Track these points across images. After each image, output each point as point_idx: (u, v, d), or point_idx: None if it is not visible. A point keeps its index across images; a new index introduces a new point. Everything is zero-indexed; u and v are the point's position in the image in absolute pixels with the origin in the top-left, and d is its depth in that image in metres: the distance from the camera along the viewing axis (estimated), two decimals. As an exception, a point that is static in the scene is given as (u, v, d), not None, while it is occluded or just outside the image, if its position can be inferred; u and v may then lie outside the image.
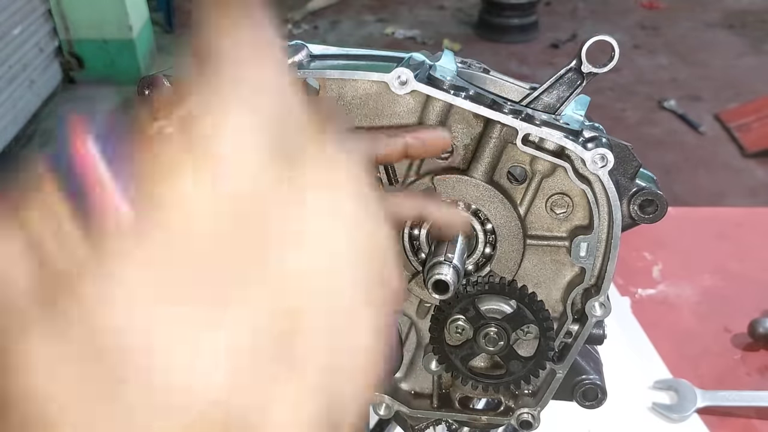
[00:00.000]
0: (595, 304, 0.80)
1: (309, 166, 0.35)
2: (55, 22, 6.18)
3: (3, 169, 0.39)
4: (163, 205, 0.32)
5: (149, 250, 0.31)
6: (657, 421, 1.43)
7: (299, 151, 0.35)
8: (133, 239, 0.32)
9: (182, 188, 0.32)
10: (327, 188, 0.35)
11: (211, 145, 0.33)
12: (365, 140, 0.72)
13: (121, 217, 0.33)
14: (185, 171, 0.32)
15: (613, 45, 0.73)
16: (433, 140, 0.74)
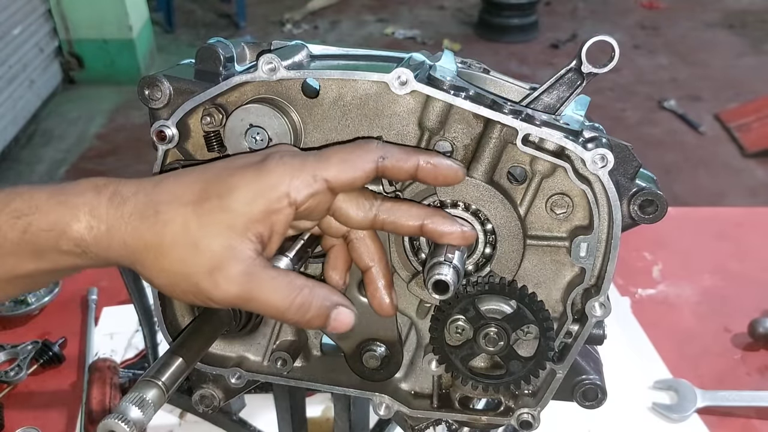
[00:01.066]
0: (595, 304, 0.80)
1: None
2: (55, 22, 6.18)
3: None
4: None
5: None
6: (657, 421, 1.43)
7: None
8: None
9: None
10: None
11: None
12: (377, 147, 0.72)
13: None
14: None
15: (613, 45, 0.73)
16: (445, 170, 0.73)
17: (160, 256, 0.67)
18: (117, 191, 0.69)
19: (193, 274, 0.67)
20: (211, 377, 0.94)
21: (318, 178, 0.69)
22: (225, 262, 0.66)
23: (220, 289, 0.67)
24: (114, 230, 0.68)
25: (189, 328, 0.81)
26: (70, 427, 1.41)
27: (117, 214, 0.68)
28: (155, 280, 0.70)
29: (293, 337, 0.92)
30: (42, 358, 1.53)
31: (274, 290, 0.69)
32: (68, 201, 0.68)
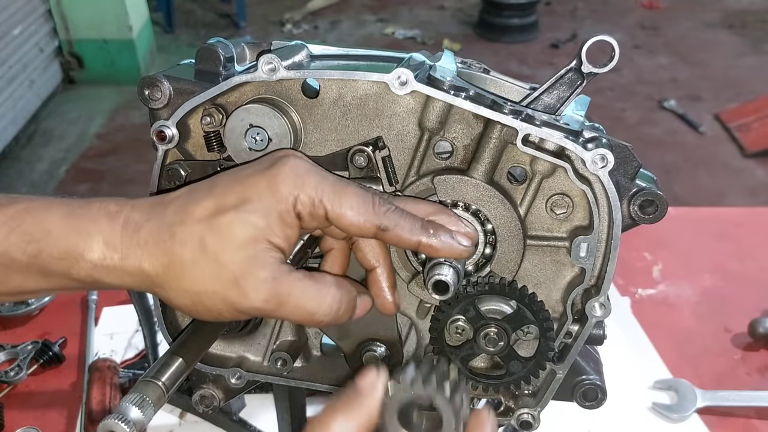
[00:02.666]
0: (595, 304, 0.80)
1: None
2: (55, 22, 6.18)
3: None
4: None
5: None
6: (657, 421, 1.43)
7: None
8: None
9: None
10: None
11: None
12: (386, 211, 0.71)
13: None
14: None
15: (613, 45, 0.73)
16: (448, 251, 0.72)
17: (181, 276, 0.67)
18: (130, 218, 0.68)
19: (218, 288, 0.66)
20: (211, 377, 0.94)
21: (321, 205, 0.68)
22: (250, 270, 0.66)
23: (249, 298, 0.66)
24: (129, 259, 0.67)
25: (189, 328, 0.81)
26: (70, 427, 1.41)
27: (132, 242, 0.67)
28: (176, 301, 0.69)
29: (293, 337, 0.92)
30: (42, 358, 1.53)
31: (303, 292, 0.68)
32: (82, 229, 0.67)
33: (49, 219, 0.68)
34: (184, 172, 0.82)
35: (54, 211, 0.69)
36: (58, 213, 0.68)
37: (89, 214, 0.68)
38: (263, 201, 0.67)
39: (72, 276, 0.68)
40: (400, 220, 0.71)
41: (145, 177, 0.83)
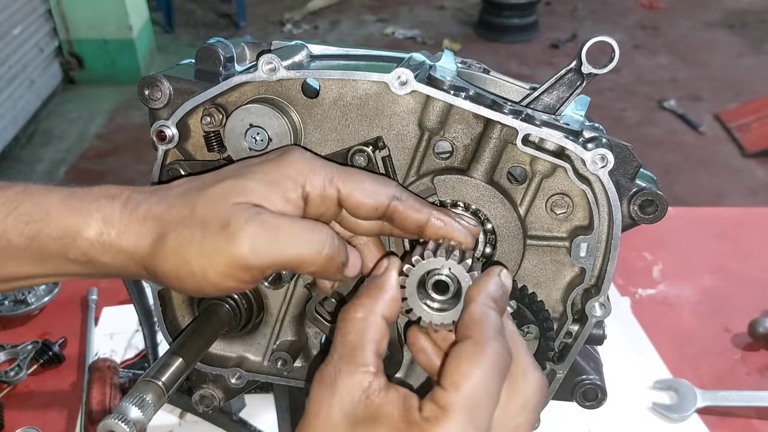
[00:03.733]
0: (595, 304, 0.80)
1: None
2: (55, 22, 6.18)
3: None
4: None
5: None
6: (657, 421, 1.43)
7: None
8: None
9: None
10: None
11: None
12: (396, 187, 0.71)
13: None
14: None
15: (613, 46, 0.73)
16: (457, 233, 0.71)
17: (170, 241, 0.65)
18: (131, 198, 0.68)
19: (205, 243, 0.64)
20: (211, 377, 0.94)
21: (333, 184, 0.69)
22: (237, 214, 0.64)
23: (237, 238, 0.63)
24: (125, 234, 0.66)
25: (189, 328, 0.81)
26: (70, 427, 1.41)
27: (130, 218, 0.66)
28: (162, 268, 0.66)
29: (293, 337, 0.92)
30: (42, 358, 1.53)
31: (293, 224, 0.66)
32: (81, 207, 0.67)
33: (49, 200, 0.67)
34: (184, 172, 0.82)
35: (53, 193, 0.68)
36: (57, 195, 0.68)
37: (89, 195, 0.68)
38: (269, 175, 0.67)
39: (68, 256, 0.67)
40: (409, 196, 0.72)
41: (145, 177, 0.83)
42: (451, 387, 0.59)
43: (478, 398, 0.59)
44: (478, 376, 0.59)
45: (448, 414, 0.57)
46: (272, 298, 0.90)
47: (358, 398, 0.60)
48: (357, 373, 0.61)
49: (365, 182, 0.70)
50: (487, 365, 0.60)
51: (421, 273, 0.68)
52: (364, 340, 0.64)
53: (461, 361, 0.60)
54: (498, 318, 0.65)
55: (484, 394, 0.59)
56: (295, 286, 0.89)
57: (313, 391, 0.63)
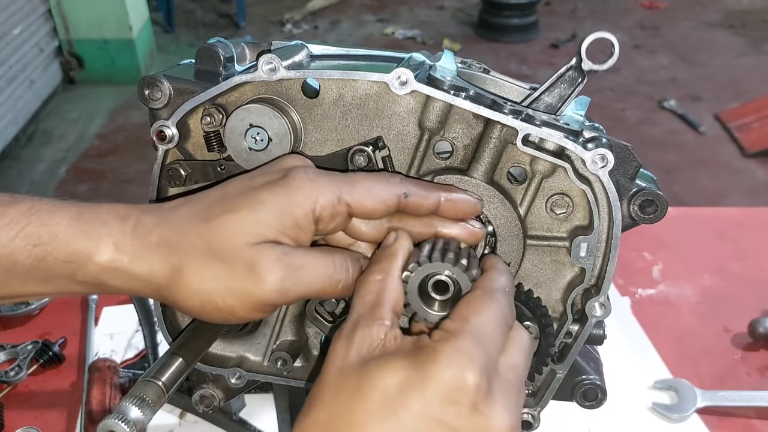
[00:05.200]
0: (595, 304, 0.80)
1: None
2: (55, 22, 6.18)
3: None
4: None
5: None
6: (657, 421, 1.43)
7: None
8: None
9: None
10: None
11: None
12: (401, 183, 0.72)
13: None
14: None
15: (612, 42, 0.73)
16: (464, 205, 0.74)
17: (190, 277, 0.66)
18: (140, 221, 0.67)
19: (232, 282, 0.66)
20: (211, 377, 0.94)
21: (342, 201, 0.69)
22: (261, 256, 0.65)
23: (265, 281, 0.65)
24: (137, 261, 0.66)
25: (189, 328, 0.81)
26: (70, 427, 1.41)
27: (142, 244, 0.66)
28: (184, 303, 0.68)
29: (293, 337, 0.92)
30: (42, 358, 1.53)
31: (315, 260, 0.68)
32: (91, 231, 0.66)
33: (56, 221, 0.67)
34: (184, 172, 0.82)
35: (61, 213, 0.67)
36: (65, 215, 0.67)
37: (99, 217, 0.67)
38: (278, 204, 0.67)
39: (76, 279, 0.67)
40: (415, 186, 0.72)
41: (145, 177, 0.83)
42: (460, 319, 0.63)
43: (485, 328, 0.62)
44: (486, 314, 0.63)
45: (457, 335, 0.60)
46: (272, 298, 0.90)
47: (374, 345, 0.62)
48: (374, 326, 0.64)
49: (372, 188, 0.70)
50: (495, 308, 0.64)
51: (420, 278, 0.69)
52: (382, 298, 0.67)
53: (470, 302, 0.65)
54: (508, 282, 0.70)
55: (490, 326, 0.63)
56: (295, 286, 0.89)
57: (331, 345, 0.65)
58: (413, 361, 0.59)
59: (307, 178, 0.69)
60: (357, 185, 0.70)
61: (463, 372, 0.58)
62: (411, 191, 0.72)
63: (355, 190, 0.70)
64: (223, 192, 0.70)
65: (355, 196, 0.69)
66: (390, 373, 0.58)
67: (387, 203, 0.70)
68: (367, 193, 0.70)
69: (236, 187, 0.71)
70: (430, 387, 0.57)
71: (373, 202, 0.70)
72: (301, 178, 0.69)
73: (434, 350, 0.59)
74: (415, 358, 0.59)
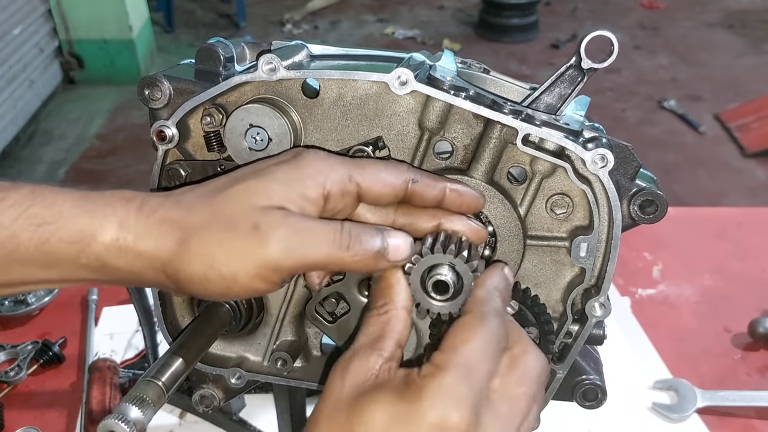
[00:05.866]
0: (595, 304, 0.80)
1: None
2: (55, 22, 6.18)
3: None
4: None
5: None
6: (657, 421, 1.43)
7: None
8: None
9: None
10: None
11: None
12: (409, 169, 0.73)
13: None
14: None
15: (611, 39, 0.73)
16: (469, 198, 0.74)
17: (193, 244, 0.64)
18: (145, 201, 0.67)
19: (236, 244, 0.64)
20: (211, 377, 0.94)
21: (352, 180, 0.70)
22: (267, 215, 0.65)
23: (270, 241, 0.63)
24: (142, 238, 0.65)
25: (189, 328, 0.81)
26: (70, 427, 1.41)
27: (147, 222, 0.65)
28: (187, 270, 0.65)
29: (293, 337, 0.92)
30: (42, 358, 1.53)
31: (321, 224, 0.67)
32: (96, 211, 0.65)
33: (60, 202, 0.66)
34: (184, 172, 0.82)
35: (64, 195, 0.66)
36: (69, 197, 0.66)
37: (103, 198, 0.67)
38: (288, 176, 0.67)
39: (80, 261, 0.65)
40: (422, 174, 0.73)
41: (145, 177, 0.83)
42: (448, 349, 0.62)
43: (473, 358, 0.61)
44: (475, 342, 0.62)
45: (444, 370, 0.60)
46: (272, 298, 0.90)
47: (368, 376, 0.63)
48: (371, 356, 0.65)
49: (381, 172, 0.71)
50: (485, 334, 0.63)
51: (423, 269, 0.71)
52: (385, 330, 0.68)
53: (459, 330, 0.64)
54: (500, 303, 0.69)
55: (479, 355, 0.62)
56: (296, 286, 0.89)
57: (330, 373, 0.65)
58: (401, 397, 0.59)
59: (318, 156, 0.70)
60: (367, 168, 0.71)
61: (447, 411, 0.58)
62: (418, 178, 0.72)
63: (366, 172, 0.70)
64: (232, 175, 0.71)
65: (365, 178, 0.70)
66: (379, 409, 0.59)
67: (395, 187, 0.71)
68: (376, 176, 0.71)
69: (246, 169, 0.71)
70: (415, 426, 0.58)
71: (381, 186, 0.71)
72: (312, 156, 0.70)
73: (420, 388, 0.59)
74: (402, 394, 0.60)
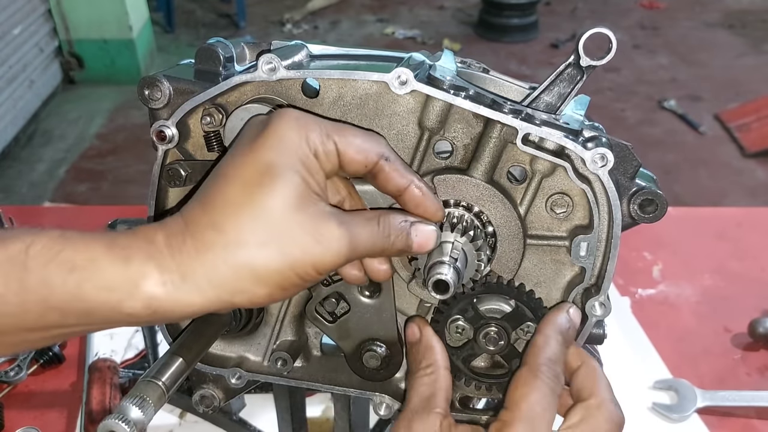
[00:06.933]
0: (595, 303, 0.80)
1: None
2: (55, 22, 6.18)
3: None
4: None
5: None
6: (657, 421, 1.43)
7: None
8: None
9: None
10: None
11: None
12: (386, 146, 0.71)
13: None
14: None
15: (609, 37, 0.73)
16: (430, 203, 0.73)
17: (252, 266, 0.61)
18: (170, 233, 0.62)
19: (297, 254, 0.62)
20: (211, 377, 0.94)
21: (330, 138, 0.68)
22: (320, 224, 0.64)
23: (332, 250, 0.64)
24: (190, 275, 0.61)
25: (189, 329, 0.81)
26: (70, 427, 1.41)
27: (183, 257, 0.61)
28: (254, 292, 0.63)
29: (293, 337, 0.92)
30: (42, 358, 1.53)
31: (367, 220, 0.68)
32: (132, 256, 0.60)
33: (91, 246, 0.61)
34: (184, 172, 0.81)
35: (94, 238, 0.62)
36: (99, 241, 0.61)
37: (135, 242, 0.62)
38: (283, 156, 0.64)
39: (123, 311, 0.61)
40: (396, 158, 0.72)
41: (145, 177, 0.83)
42: (511, 406, 0.70)
43: (536, 410, 0.69)
44: (534, 395, 0.70)
45: (512, 425, 0.68)
46: (272, 297, 0.90)
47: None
48: (431, 415, 0.73)
49: (357, 137, 0.69)
50: (541, 385, 0.71)
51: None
52: (435, 389, 0.76)
53: (518, 385, 0.72)
54: (558, 348, 0.75)
55: (539, 407, 0.69)
56: (295, 286, 0.89)
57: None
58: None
59: (292, 117, 0.67)
60: (344, 130, 0.69)
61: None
62: (392, 158, 0.71)
63: (343, 134, 0.68)
64: (224, 174, 0.66)
65: (341, 139, 0.68)
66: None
67: (366, 158, 0.69)
68: (352, 140, 0.69)
69: (231, 162, 0.66)
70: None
71: (354, 152, 0.68)
72: (286, 119, 0.67)
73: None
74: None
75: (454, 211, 0.79)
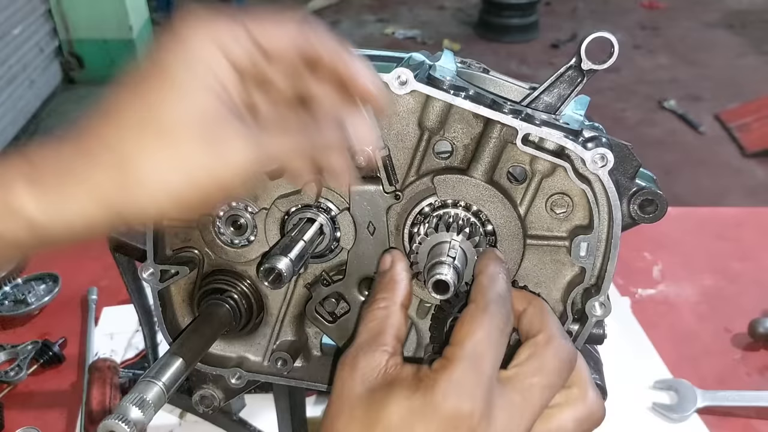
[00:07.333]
0: (595, 303, 0.80)
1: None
2: (55, 22, 6.18)
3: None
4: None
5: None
6: (657, 421, 1.43)
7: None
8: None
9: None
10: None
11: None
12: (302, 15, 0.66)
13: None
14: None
15: (612, 41, 0.73)
16: (369, 78, 0.66)
17: (139, 169, 0.58)
18: (52, 148, 0.59)
19: (196, 169, 0.59)
20: (211, 377, 0.94)
21: (248, 36, 0.62)
22: (225, 134, 0.60)
23: (231, 161, 0.59)
24: (70, 192, 0.57)
25: (189, 329, 0.81)
26: (70, 427, 1.41)
27: (63, 172, 0.58)
28: (149, 195, 0.58)
29: (293, 337, 0.92)
30: (42, 358, 1.53)
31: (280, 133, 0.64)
32: (5, 176, 0.58)
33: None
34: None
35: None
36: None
37: (13, 161, 0.59)
38: (190, 72, 0.60)
39: (5, 238, 0.58)
40: (324, 33, 0.65)
41: (145, 177, 0.83)
42: (456, 342, 0.65)
43: (480, 349, 0.64)
44: (480, 333, 0.65)
45: (453, 362, 0.63)
46: (272, 298, 0.90)
47: (377, 372, 0.65)
48: (376, 352, 0.67)
49: (274, 23, 0.64)
50: (488, 323, 0.66)
51: (429, 248, 0.75)
52: (385, 325, 0.70)
53: (464, 322, 0.67)
54: (505, 286, 0.70)
55: (485, 345, 0.64)
56: (295, 286, 0.89)
57: (336, 373, 0.67)
58: (415, 392, 0.62)
59: (195, 18, 0.61)
60: (262, 20, 0.63)
61: (459, 402, 0.61)
62: (317, 34, 0.64)
63: (261, 25, 0.63)
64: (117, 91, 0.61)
65: (261, 33, 0.62)
66: (395, 403, 0.62)
67: (295, 41, 0.64)
68: (272, 28, 0.63)
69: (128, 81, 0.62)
70: (430, 418, 0.60)
71: (277, 39, 0.63)
72: (188, 23, 0.61)
73: (433, 381, 0.62)
74: (416, 389, 0.62)
75: (450, 210, 0.79)
